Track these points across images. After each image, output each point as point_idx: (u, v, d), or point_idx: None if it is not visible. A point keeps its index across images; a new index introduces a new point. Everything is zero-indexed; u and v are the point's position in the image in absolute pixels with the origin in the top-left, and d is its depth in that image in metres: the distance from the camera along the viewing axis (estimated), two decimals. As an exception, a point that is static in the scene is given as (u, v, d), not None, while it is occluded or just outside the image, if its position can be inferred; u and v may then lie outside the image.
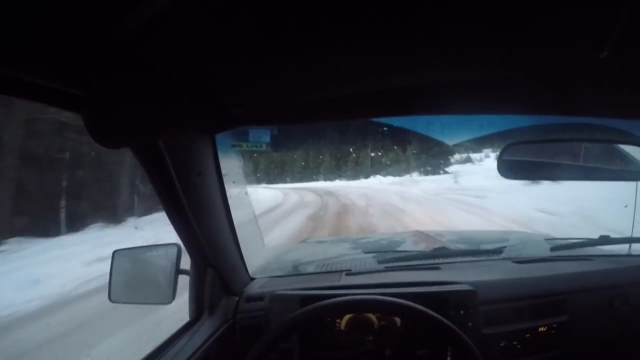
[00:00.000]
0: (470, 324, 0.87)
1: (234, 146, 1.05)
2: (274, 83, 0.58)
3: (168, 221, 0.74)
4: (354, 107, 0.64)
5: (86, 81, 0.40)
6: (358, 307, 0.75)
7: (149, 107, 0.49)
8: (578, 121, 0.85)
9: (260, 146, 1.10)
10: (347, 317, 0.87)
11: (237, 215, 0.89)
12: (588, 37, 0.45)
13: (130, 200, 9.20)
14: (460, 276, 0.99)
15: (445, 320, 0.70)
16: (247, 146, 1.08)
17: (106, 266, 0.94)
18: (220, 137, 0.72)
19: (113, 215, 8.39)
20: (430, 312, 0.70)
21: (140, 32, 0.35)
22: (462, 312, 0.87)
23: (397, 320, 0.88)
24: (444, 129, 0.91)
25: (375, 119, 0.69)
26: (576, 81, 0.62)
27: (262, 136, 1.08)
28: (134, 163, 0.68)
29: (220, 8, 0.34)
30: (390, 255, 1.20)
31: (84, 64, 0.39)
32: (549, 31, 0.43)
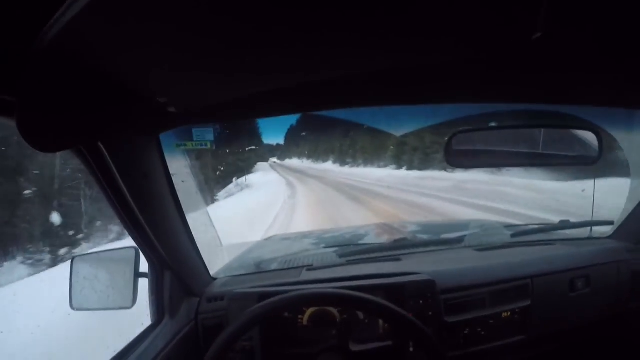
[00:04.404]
0: (430, 313, 0.89)
1: (178, 146, 1.04)
2: (208, 81, 0.58)
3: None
4: (292, 101, 0.64)
5: (16, 86, 0.39)
6: (311, 300, 0.75)
7: (83, 109, 0.49)
8: (527, 108, 0.87)
9: (205, 144, 1.09)
10: (309, 312, 0.88)
11: (192, 216, 0.89)
12: (517, 18, 0.45)
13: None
14: (420, 266, 1.00)
15: (398, 309, 0.70)
16: (192, 145, 1.07)
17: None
18: (165, 137, 0.71)
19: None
20: (382, 301, 0.70)
21: (63, 36, 0.35)
22: (421, 301, 0.89)
23: (359, 313, 0.89)
24: (389, 120, 0.92)
25: (318, 112, 0.69)
26: (515, 66, 0.62)
27: (205, 134, 1.08)
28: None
29: (144, 8, 0.34)
30: (352, 249, 1.21)
31: (12, 68, 0.38)
32: (477, 14, 0.43)
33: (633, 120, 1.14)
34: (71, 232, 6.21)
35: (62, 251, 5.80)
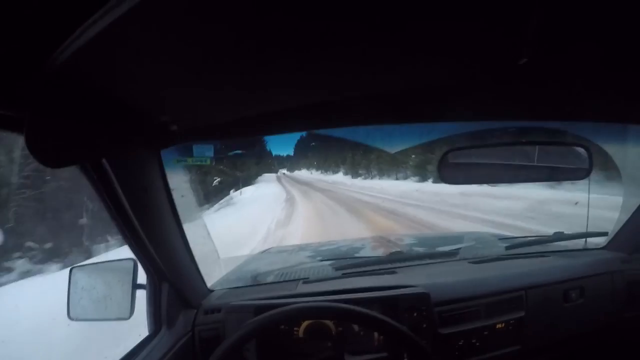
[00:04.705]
0: (424, 325, 0.90)
1: (179, 161, 1.06)
2: (209, 101, 0.60)
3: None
4: (291, 121, 0.66)
5: (26, 103, 0.41)
6: (307, 313, 0.76)
7: (89, 127, 0.51)
8: (520, 125, 0.89)
9: (205, 160, 1.11)
10: (304, 324, 0.88)
11: (190, 229, 0.90)
12: (503, 46, 0.47)
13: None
14: (415, 279, 1.01)
15: (393, 322, 0.71)
16: (192, 161, 1.09)
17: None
18: (166, 153, 0.73)
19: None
20: (377, 314, 0.71)
21: (74, 59, 0.37)
22: (415, 314, 0.90)
23: (355, 326, 0.90)
24: (384, 138, 0.94)
25: (314, 131, 0.71)
26: (505, 87, 0.65)
27: (205, 151, 1.10)
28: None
29: (147, 34, 0.36)
30: (348, 262, 1.22)
31: (24, 88, 0.40)
32: (466, 41, 0.45)
33: (624, 134, 1.17)
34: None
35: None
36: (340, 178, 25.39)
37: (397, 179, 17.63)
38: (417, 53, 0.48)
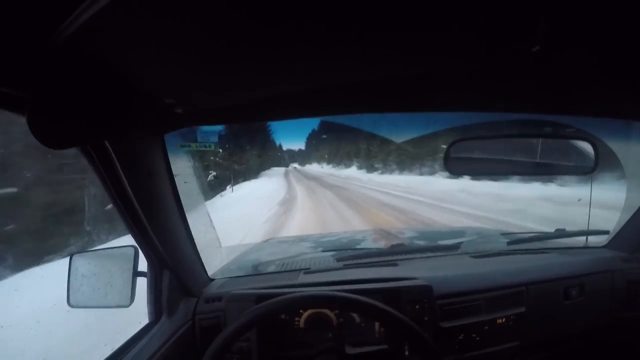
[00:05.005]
0: (426, 318, 0.90)
1: (182, 146, 1.05)
2: (216, 83, 0.59)
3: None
4: (296, 106, 0.65)
5: (28, 83, 0.40)
6: (309, 302, 0.76)
7: (92, 108, 0.50)
8: (527, 118, 0.88)
9: (209, 146, 1.10)
10: (305, 314, 0.88)
11: (192, 216, 0.89)
12: (517, 32, 0.46)
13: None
14: (417, 272, 1.01)
15: (395, 312, 0.70)
16: (196, 146, 1.08)
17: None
18: (169, 138, 0.72)
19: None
20: (380, 304, 0.71)
21: (79, 35, 0.36)
22: (417, 306, 0.89)
23: (356, 316, 0.90)
24: (390, 127, 0.93)
25: (325, 121, 0.70)
26: (516, 77, 0.64)
27: (209, 136, 1.09)
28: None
29: (158, 9, 0.35)
30: (350, 253, 1.22)
31: (26, 65, 0.39)
32: (479, 27, 0.44)
33: (630, 131, 1.16)
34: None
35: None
36: (353, 172, 22.69)
37: (421, 174, 14.13)
38: (427, 38, 0.47)
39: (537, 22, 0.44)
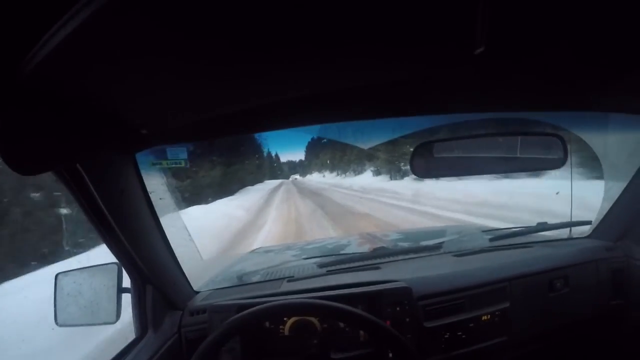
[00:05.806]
0: (407, 319, 0.90)
1: (154, 164, 1.08)
2: (179, 103, 0.61)
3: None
4: (264, 120, 0.67)
5: None
6: (285, 310, 0.77)
7: (62, 132, 0.52)
8: (492, 116, 0.90)
9: (179, 162, 1.13)
10: (290, 322, 0.89)
11: (171, 231, 0.91)
12: (456, 36, 0.48)
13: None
14: (399, 274, 1.02)
15: (372, 317, 0.71)
16: (167, 163, 1.11)
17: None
18: (141, 156, 0.74)
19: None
20: (351, 308, 0.71)
21: (46, 63, 0.37)
22: (398, 308, 0.90)
23: (341, 323, 0.91)
24: (356, 134, 0.95)
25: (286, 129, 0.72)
26: (465, 79, 0.65)
27: (179, 153, 1.12)
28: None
29: (121, 38, 0.37)
30: (333, 259, 1.23)
31: None
32: (420, 34, 0.45)
33: (604, 122, 1.18)
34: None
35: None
36: (368, 180, 16.41)
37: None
38: (383, 50, 0.49)
39: (474, 24, 0.45)
